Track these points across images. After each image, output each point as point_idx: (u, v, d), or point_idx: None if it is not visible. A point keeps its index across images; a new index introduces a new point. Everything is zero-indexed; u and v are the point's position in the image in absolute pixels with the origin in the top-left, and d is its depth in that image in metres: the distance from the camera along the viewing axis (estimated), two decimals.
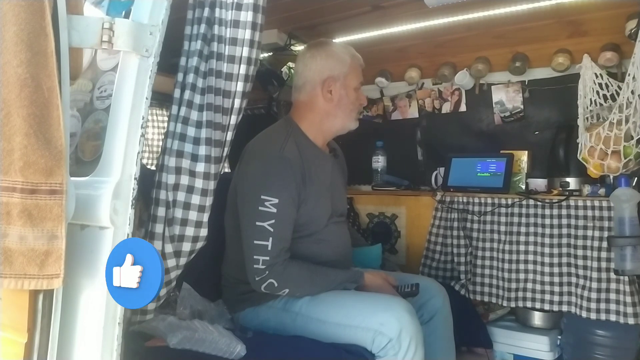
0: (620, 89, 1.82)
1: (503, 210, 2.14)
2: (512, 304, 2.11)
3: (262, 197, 1.52)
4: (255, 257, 1.51)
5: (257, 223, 1.52)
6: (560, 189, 2.04)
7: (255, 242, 1.51)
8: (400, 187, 2.51)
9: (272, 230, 1.51)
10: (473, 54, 2.35)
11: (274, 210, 1.51)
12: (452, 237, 2.27)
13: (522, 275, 2.07)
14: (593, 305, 1.88)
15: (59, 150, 0.90)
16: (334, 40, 1.91)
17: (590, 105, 1.90)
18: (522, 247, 2.08)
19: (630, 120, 1.70)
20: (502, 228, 2.13)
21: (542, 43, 2.18)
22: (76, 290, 0.99)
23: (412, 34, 2.21)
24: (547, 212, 2.03)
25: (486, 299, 2.17)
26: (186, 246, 1.33)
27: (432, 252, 2.32)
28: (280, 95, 2.53)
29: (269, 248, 1.50)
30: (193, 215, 1.30)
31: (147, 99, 1.02)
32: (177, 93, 1.31)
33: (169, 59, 1.24)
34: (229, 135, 1.35)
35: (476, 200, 2.21)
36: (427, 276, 2.17)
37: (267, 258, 1.50)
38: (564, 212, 1.99)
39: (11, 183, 0.88)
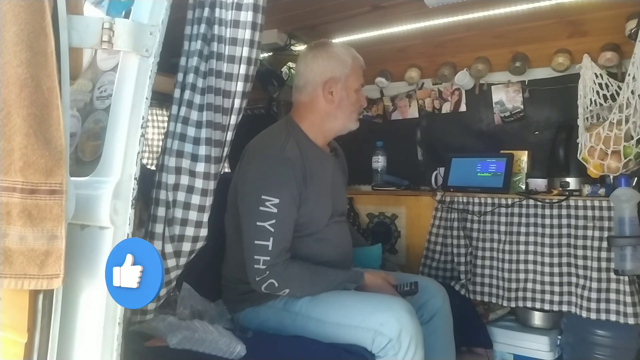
0: (620, 89, 1.82)
1: (503, 210, 2.14)
2: (512, 304, 2.11)
3: (263, 197, 1.52)
4: (255, 257, 1.51)
5: (258, 223, 1.52)
6: (560, 189, 2.04)
7: (256, 242, 1.51)
8: (400, 187, 2.50)
9: (272, 230, 1.51)
10: (473, 54, 2.35)
11: (275, 210, 1.51)
12: (452, 237, 2.27)
13: (522, 275, 2.07)
14: (593, 305, 1.88)
15: (59, 150, 0.90)
16: (334, 41, 1.91)
17: (590, 105, 1.90)
18: (522, 247, 2.08)
19: (630, 120, 1.70)
20: (502, 228, 2.13)
21: (542, 43, 2.18)
22: (76, 290, 0.99)
23: (412, 34, 2.21)
24: (547, 212, 2.03)
25: (486, 299, 2.17)
26: (186, 246, 1.33)
27: (432, 252, 2.32)
28: (280, 95, 2.53)
29: (270, 248, 1.50)
30: (193, 215, 1.30)
31: (147, 99, 1.02)
32: (177, 93, 1.31)
33: (169, 59, 1.24)
34: (229, 135, 1.35)
35: (476, 200, 2.21)
36: (427, 276, 2.17)
37: (268, 258, 1.50)
38: (564, 212, 1.99)
39: (11, 183, 0.88)
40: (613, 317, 1.84)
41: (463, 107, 2.49)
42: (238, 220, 1.61)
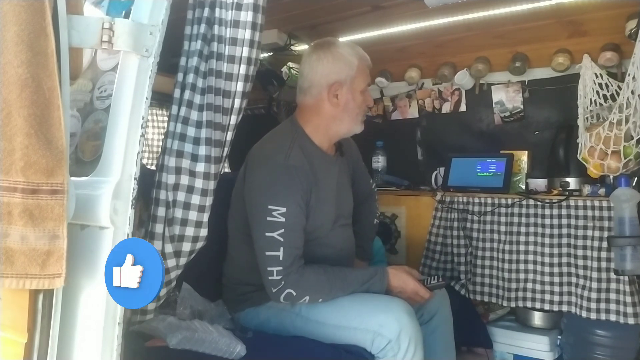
0: (620, 89, 1.83)
1: (503, 210, 2.14)
2: (512, 304, 2.11)
3: (270, 207, 1.48)
4: (269, 268, 1.48)
5: (267, 234, 1.48)
6: (560, 189, 2.04)
7: (267, 253, 1.48)
8: (400, 187, 2.51)
9: (282, 240, 1.48)
10: (473, 54, 2.35)
11: (283, 219, 1.48)
12: (452, 237, 2.27)
13: (522, 275, 2.07)
14: (593, 305, 1.88)
15: (60, 150, 0.90)
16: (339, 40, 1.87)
17: (590, 105, 1.91)
18: (522, 247, 2.08)
19: (630, 120, 1.71)
20: (502, 228, 2.13)
21: (542, 43, 2.18)
22: (76, 290, 0.99)
23: (412, 34, 2.21)
24: (547, 212, 2.03)
25: (486, 299, 2.17)
26: (186, 246, 1.32)
27: (432, 252, 2.32)
28: (280, 95, 2.53)
29: (281, 258, 1.47)
30: (193, 215, 1.30)
31: (147, 99, 1.02)
32: (177, 93, 1.31)
33: (169, 59, 1.24)
34: (229, 135, 1.35)
35: (476, 200, 2.21)
36: (427, 276, 2.17)
37: (281, 268, 1.47)
38: (564, 212, 1.99)
39: (12, 183, 0.88)
40: (613, 317, 1.85)
41: (463, 107, 2.49)
42: (241, 222, 1.59)
